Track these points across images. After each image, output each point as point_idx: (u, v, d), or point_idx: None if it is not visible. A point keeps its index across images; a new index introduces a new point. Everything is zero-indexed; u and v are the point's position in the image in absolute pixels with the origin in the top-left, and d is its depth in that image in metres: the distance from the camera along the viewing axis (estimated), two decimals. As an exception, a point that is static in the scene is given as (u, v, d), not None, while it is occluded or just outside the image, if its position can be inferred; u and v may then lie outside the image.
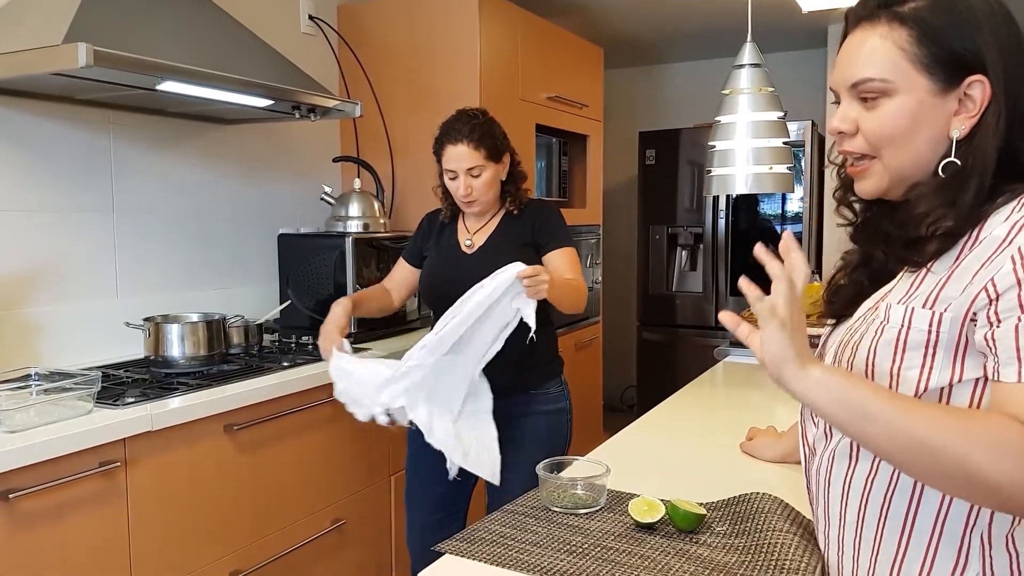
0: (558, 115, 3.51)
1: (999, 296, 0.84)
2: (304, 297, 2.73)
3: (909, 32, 0.91)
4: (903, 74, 0.92)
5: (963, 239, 0.90)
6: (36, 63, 1.78)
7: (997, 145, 0.89)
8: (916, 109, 0.92)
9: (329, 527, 2.31)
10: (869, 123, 0.95)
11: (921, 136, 0.93)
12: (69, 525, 1.64)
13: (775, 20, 3.96)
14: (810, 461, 1.08)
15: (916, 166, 0.94)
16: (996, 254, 0.86)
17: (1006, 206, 0.89)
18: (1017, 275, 0.83)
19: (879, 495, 0.95)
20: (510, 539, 1.19)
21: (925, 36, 0.91)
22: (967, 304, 0.87)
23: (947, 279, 0.90)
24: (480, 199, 2.06)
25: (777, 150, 2.05)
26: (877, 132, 0.95)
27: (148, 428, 1.77)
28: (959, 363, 0.89)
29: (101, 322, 2.33)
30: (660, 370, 4.60)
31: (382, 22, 3.12)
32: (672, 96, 5.31)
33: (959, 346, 0.88)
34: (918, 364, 0.90)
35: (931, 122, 0.92)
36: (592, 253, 3.87)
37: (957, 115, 0.92)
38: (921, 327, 0.90)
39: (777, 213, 4.45)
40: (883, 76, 0.92)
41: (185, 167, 2.60)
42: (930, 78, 0.91)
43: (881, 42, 0.93)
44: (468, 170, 2.02)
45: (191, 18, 2.19)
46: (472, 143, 2.00)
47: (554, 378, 2.14)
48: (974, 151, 0.90)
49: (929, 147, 0.93)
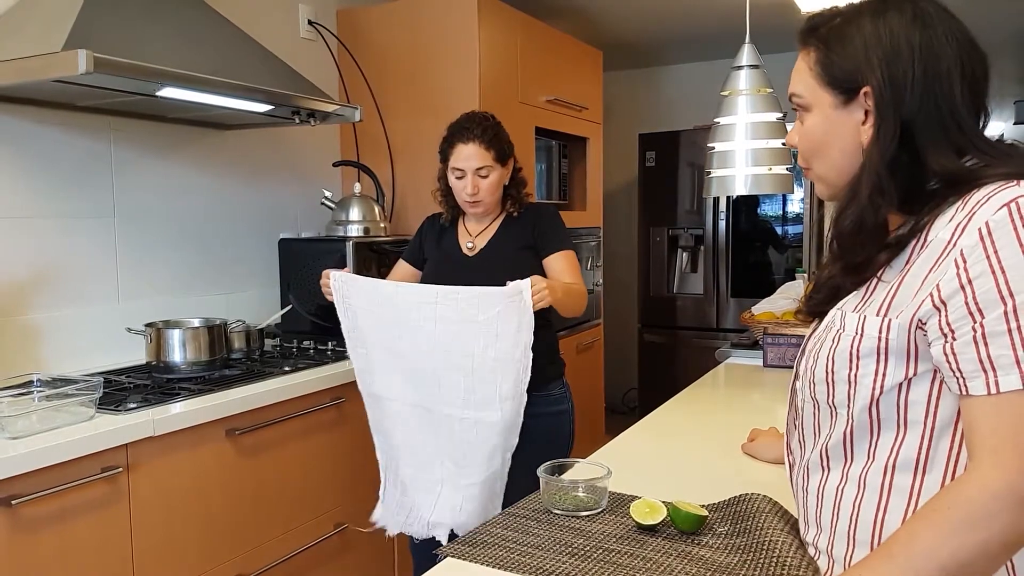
0: (558, 118, 3.52)
1: (945, 304, 0.85)
2: (305, 301, 2.73)
3: (815, 53, 1.00)
4: (812, 91, 1.00)
5: (912, 243, 0.92)
6: (37, 70, 1.78)
7: (887, 149, 0.93)
8: (824, 123, 1.00)
9: (332, 531, 2.31)
10: (800, 137, 1.04)
11: (834, 148, 1.00)
12: (72, 531, 1.64)
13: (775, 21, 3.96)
14: (793, 469, 1.11)
15: (839, 175, 1.00)
16: (942, 257, 0.87)
17: (951, 208, 0.89)
18: (960, 280, 0.84)
19: (848, 503, 0.97)
20: (512, 542, 1.19)
21: (822, 56, 0.99)
22: (914, 310, 0.88)
23: (898, 285, 0.92)
24: (485, 200, 2.07)
25: (776, 151, 2.06)
26: (803, 145, 1.04)
27: (150, 433, 1.77)
28: (912, 363, 0.90)
29: (103, 328, 2.33)
30: (661, 372, 4.60)
31: (381, 27, 3.13)
32: (672, 98, 5.32)
33: (909, 351, 0.90)
34: (872, 371, 0.92)
35: (839, 134, 0.99)
36: (593, 256, 3.87)
37: (864, 125, 0.96)
38: (872, 334, 0.92)
39: (778, 214, 4.45)
40: (799, 92, 1.02)
41: (186, 172, 2.61)
42: (831, 93, 0.98)
43: (801, 63, 1.02)
44: (477, 170, 2.03)
45: (191, 24, 2.20)
46: (483, 144, 2.03)
47: (556, 380, 2.14)
48: (865, 154, 0.96)
49: (844, 158, 0.99)
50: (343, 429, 2.35)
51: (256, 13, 2.79)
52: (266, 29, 2.77)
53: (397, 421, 1.97)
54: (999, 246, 0.82)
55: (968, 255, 0.84)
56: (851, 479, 0.97)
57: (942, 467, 0.90)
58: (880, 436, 0.94)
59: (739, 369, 2.47)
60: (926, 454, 0.91)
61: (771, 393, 2.19)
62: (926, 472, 0.91)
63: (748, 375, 2.38)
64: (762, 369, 2.42)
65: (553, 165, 3.66)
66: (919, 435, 0.91)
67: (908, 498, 0.92)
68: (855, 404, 0.94)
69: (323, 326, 2.69)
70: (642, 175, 4.67)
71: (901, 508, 0.92)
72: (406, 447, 1.97)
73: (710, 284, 4.50)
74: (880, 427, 0.94)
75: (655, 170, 4.62)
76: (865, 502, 0.95)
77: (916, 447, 0.91)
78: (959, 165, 0.91)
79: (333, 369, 2.32)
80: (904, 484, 0.92)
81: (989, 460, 0.82)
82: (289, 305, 2.74)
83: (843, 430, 0.97)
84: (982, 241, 0.83)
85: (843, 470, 0.98)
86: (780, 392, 2.15)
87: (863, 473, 0.96)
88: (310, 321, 2.72)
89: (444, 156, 2.09)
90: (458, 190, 2.08)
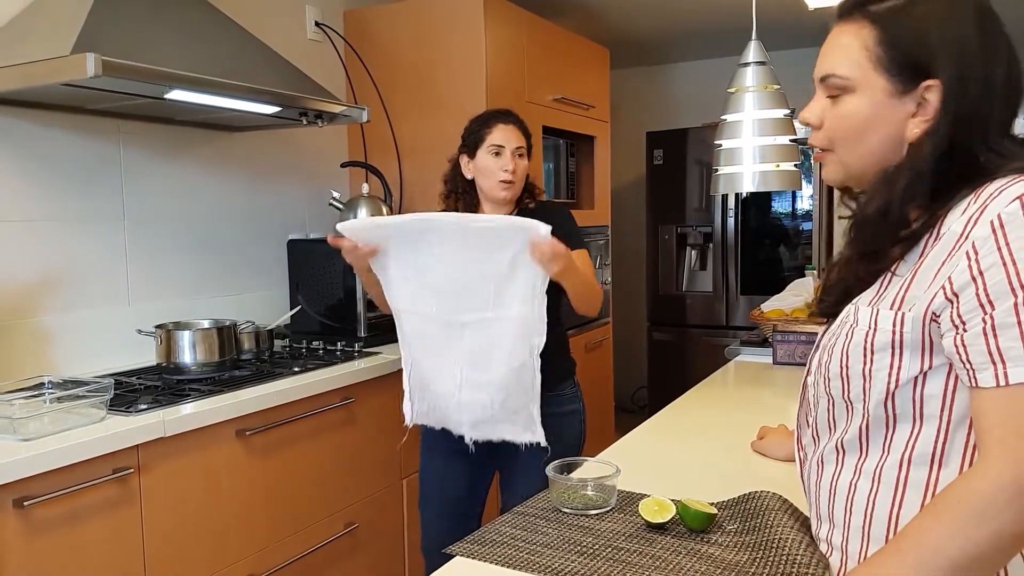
0: (565, 116, 3.51)
1: (957, 296, 0.84)
2: (314, 302, 2.74)
3: (875, 32, 0.93)
4: (863, 73, 0.94)
5: (925, 237, 0.91)
6: (45, 74, 1.79)
7: (939, 147, 0.90)
8: (871, 108, 0.94)
9: (342, 531, 2.32)
10: (830, 118, 0.98)
11: (875, 135, 0.95)
12: (83, 532, 1.65)
13: (783, 18, 3.95)
14: (804, 464, 1.10)
15: (870, 163, 0.96)
16: (955, 250, 0.86)
17: (963, 201, 0.89)
18: (972, 272, 0.83)
19: (862, 497, 0.96)
20: (521, 541, 1.19)
21: (886, 37, 0.92)
22: (927, 303, 0.87)
23: (912, 278, 0.91)
24: (517, 182, 2.09)
25: (783, 148, 2.05)
26: (834, 127, 0.97)
27: (161, 434, 1.78)
28: (927, 356, 0.89)
29: (113, 330, 2.34)
30: (671, 370, 4.59)
31: (388, 27, 3.13)
32: (679, 96, 5.31)
33: (924, 344, 0.89)
34: (887, 364, 0.91)
35: (885, 122, 0.94)
36: (601, 254, 3.86)
37: (914, 117, 0.92)
38: (886, 327, 0.91)
39: (788, 211, 4.44)
40: (844, 73, 0.95)
41: (194, 174, 2.62)
42: (888, 79, 0.92)
43: (851, 40, 0.95)
44: (515, 148, 2.07)
45: (198, 27, 2.21)
46: (521, 129, 2.10)
47: (567, 380, 2.14)
48: (913, 148, 0.92)
49: (882, 147, 0.95)
50: (353, 429, 2.35)
51: (263, 15, 2.80)
52: (273, 31, 2.78)
53: (415, 336, 1.88)
54: (1011, 238, 0.82)
55: (980, 247, 0.83)
56: (865, 473, 0.96)
57: (958, 461, 0.90)
58: (896, 430, 0.93)
59: (749, 367, 2.46)
60: (942, 448, 0.90)
61: (781, 390, 2.18)
62: (942, 466, 0.90)
63: (758, 373, 2.38)
64: (772, 367, 2.41)
65: (561, 164, 3.66)
66: (935, 429, 0.91)
67: (923, 492, 0.91)
68: (870, 399, 0.94)
69: (332, 326, 2.70)
70: (650, 173, 4.66)
71: (916, 502, 0.92)
72: (425, 359, 1.88)
73: (719, 282, 4.49)
74: (896, 421, 0.93)
75: (663, 168, 4.61)
76: (880, 497, 0.94)
77: (932, 441, 0.91)
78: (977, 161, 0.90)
79: (343, 369, 2.32)
80: (920, 478, 0.92)
81: (997, 452, 0.81)
82: (298, 306, 2.74)
83: (859, 425, 0.96)
84: (994, 233, 0.83)
85: (857, 464, 0.97)
86: (790, 389, 2.14)
87: (878, 467, 0.95)
88: (319, 322, 2.73)
89: (478, 138, 2.07)
90: (494, 169, 2.06)
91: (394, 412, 2.50)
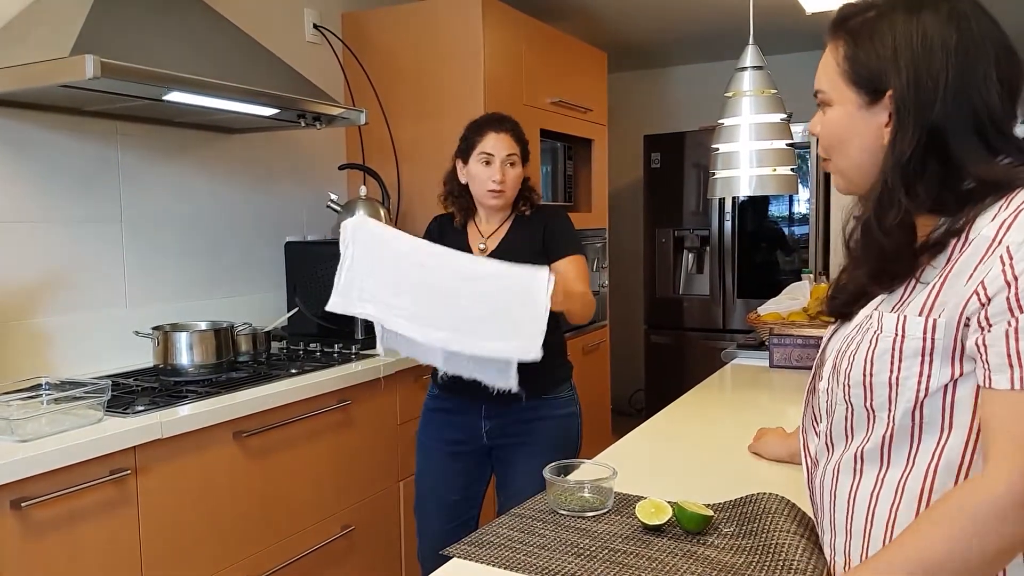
0: (563, 120, 3.52)
1: (990, 300, 0.84)
2: (311, 304, 2.74)
3: (843, 48, 0.97)
4: (837, 87, 0.99)
5: (952, 243, 0.91)
6: (44, 75, 1.80)
7: (902, 154, 0.92)
8: (846, 120, 0.99)
9: (338, 533, 2.32)
10: (820, 129, 1.03)
11: (854, 145, 0.99)
12: (80, 533, 1.65)
13: (780, 22, 3.96)
14: (812, 473, 1.08)
15: (858, 171, 1.00)
16: (988, 255, 0.86)
17: (993, 206, 0.89)
18: (1006, 277, 0.83)
19: (884, 509, 0.94)
20: (518, 542, 1.19)
21: (850, 52, 0.97)
22: (960, 307, 0.87)
23: (941, 284, 0.90)
24: (507, 191, 2.08)
25: (780, 152, 2.06)
26: (823, 138, 1.03)
27: (158, 436, 1.78)
28: (957, 363, 0.89)
29: (110, 331, 2.34)
30: (668, 373, 4.59)
31: (386, 30, 3.14)
32: (677, 99, 5.32)
33: (955, 350, 0.89)
34: (916, 372, 0.91)
35: (861, 133, 0.97)
36: (598, 257, 3.87)
37: (887, 127, 0.95)
38: (916, 334, 0.90)
39: (785, 215, 4.45)
40: (824, 88, 1.01)
41: (192, 176, 2.62)
42: (856, 92, 0.97)
43: (828, 56, 1.00)
44: (507, 156, 2.06)
45: (197, 29, 2.21)
46: (514, 136, 2.09)
47: (564, 383, 2.14)
48: (883, 158, 0.95)
49: (861, 156, 0.98)
50: (350, 431, 2.35)
51: (262, 17, 2.81)
52: (272, 33, 2.78)
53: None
54: None
55: (1015, 252, 0.84)
56: (888, 484, 0.94)
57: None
58: (922, 441, 0.92)
59: (745, 370, 2.47)
60: (970, 457, 0.89)
61: (777, 394, 2.19)
62: (968, 476, 0.89)
63: (754, 376, 2.38)
64: (768, 370, 2.42)
65: (558, 167, 3.67)
66: (963, 437, 0.89)
67: None
68: (897, 407, 0.92)
69: (329, 329, 2.70)
70: (647, 176, 4.67)
71: None
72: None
73: (716, 285, 4.50)
74: (922, 431, 0.92)
75: (660, 171, 4.62)
76: (903, 508, 0.93)
77: (960, 450, 0.89)
78: (997, 166, 0.90)
79: (340, 371, 2.32)
80: (945, 488, 0.90)
81: (1000, 458, 0.81)
82: (295, 308, 2.75)
83: (882, 434, 0.94)
84: None
85: (878, 475, 0.95)
86: (787, 392, 2.15)
87: (902, 479, 0.93)
88: (316, 324, 2.73)
89: (470, 145, 2.08)
90: (483, 178, 2.06)
91: (391, 414, 2.51)
